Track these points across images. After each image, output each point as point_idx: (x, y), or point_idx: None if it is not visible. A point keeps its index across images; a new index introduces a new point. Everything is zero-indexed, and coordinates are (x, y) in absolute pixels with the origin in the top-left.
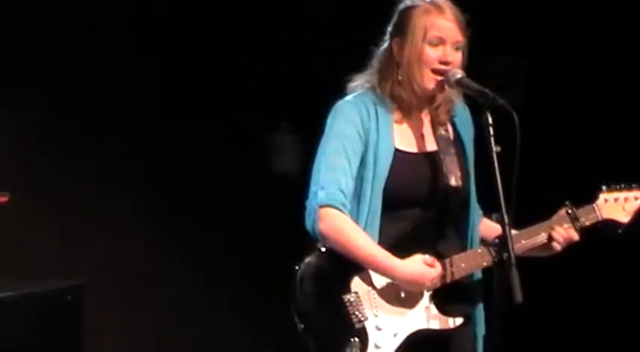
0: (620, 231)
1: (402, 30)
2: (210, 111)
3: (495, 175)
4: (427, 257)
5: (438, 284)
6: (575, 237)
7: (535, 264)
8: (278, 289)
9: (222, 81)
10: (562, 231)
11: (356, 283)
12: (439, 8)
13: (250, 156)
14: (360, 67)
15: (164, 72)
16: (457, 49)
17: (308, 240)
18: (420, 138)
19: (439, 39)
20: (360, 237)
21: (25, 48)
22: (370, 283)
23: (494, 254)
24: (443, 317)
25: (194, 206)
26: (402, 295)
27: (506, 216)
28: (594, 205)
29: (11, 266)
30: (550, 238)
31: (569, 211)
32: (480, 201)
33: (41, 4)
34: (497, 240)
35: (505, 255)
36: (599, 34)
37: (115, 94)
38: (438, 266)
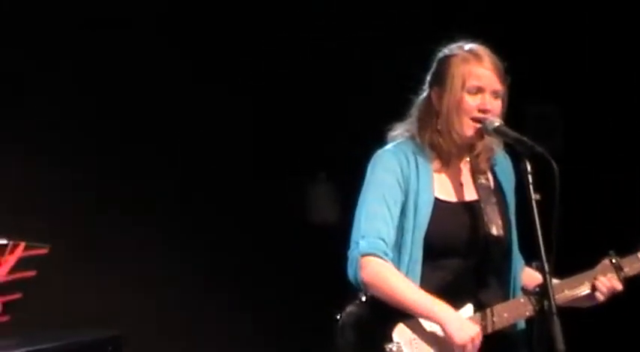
0: None
1: (440, 79)
2: (248, 163)
3: (535, 223)
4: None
5: (486, 332)
6: (619, 286)
7: (576, 312)
8: (321, 340)
9: (258, 132)
10: (606, 281)
11: (398, 332)
12: (477, 56)
13: (289, 206)
14: (399, 116)
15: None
16: (496, 97)
17: (349, 290)
18: (460, 187)
19: (477, 88)
20: (404, 283)
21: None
22: (414, 331)
23: (535, 303)
24: None
25: (235, 258)
26: (447, 342)
27: (546, 264)
28: (638, 254)
29: (51, 316)
30: (593, 288)
31: (613, 261)
32: (521, 250)
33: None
34: (537, 289)
35: (546, 303)
36: (632, 77)
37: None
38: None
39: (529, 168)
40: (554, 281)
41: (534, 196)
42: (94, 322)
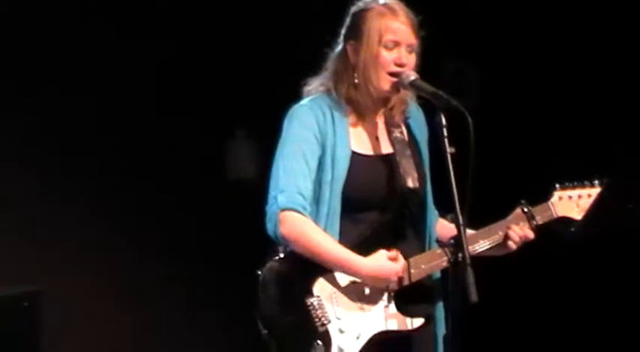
0: (572, 229)
1: (356, 33)
2: (166, 119)
3: (450, 176)
4: (390, 252)
5: (403, 283)
6: (531, 235)
7: (490, 264)
8: (241, 293)
9: (176, 89)
10: (518, 230)
11: (318, 286)
12: (393, 11)
13: (207, 163)
14: (313, 70)
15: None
16: (411, 51)
17: (269, 244)
18: (376, 140)
19: (394, 42)
20: (322, 238)
21: None
22: (333, 285)
23: (449, 254)
24: (404, 318)
25: (153, 214)
26: (366, 294)
27: (460, 217)
28: (549, 203)
29: None
30: (506, 237)
31: (525, 210)
32: (435, 202)
33: None
34: (452, 241)
35: (460, 255)
36: (547, 37)
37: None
38: (402, 259)
39: (444, 121)
40: (469, 231)
41: (449, 149)
42: (13, 278)
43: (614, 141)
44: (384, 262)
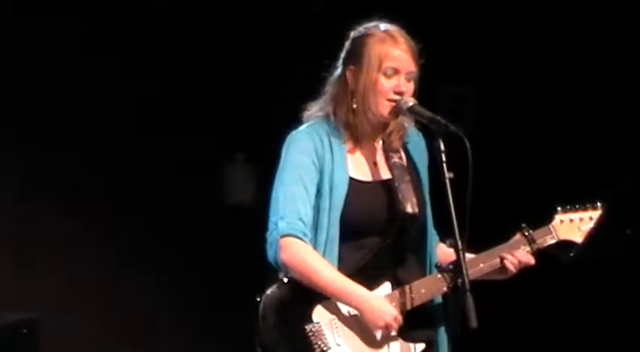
0: (572, 254)
1: (356, 58)
2: (165, 140)
3: (449, 201)
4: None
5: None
6: (531, 261)
7: (491, 289)
8: (240, 320)
9: (175, 111)
10: (517, 254)
11: (318, 312)
12: (394, 38)
13: (205, 187)
14: (312, 94)
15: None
16: (410, 79)
17: (268, 270)
18: (374, 166)
19: (394, 69)
20: (323, 266)
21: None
22: (333, 311)
23: (449, 279)
24: (406, 344)
25: (150, 237)
26: (365, 323)
27: (459, 242)
28: (550, 227)
29: None
30: (502, 260)
31: (526, 233)
32: (435, 227)
33: None
34: (451, 266)
35: (460, 280)
36: (544, 61)
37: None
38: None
39: (442, 146)
40: (469, 255)
41: (448, 175)
42: (10, 305)
43: (619, 166)
44: (383, 301)
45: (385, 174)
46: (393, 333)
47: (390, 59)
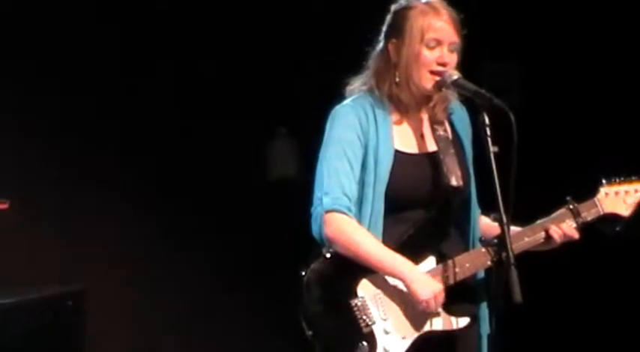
0: (618, 228)
1: (398, 31)
2: (208, 116)
3: (493, 175)
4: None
5: (449, 283)
6: (576, 235)
7: (535, 263)
8: (283, 295)
9: (219, 86)
10: (563, 227)
11: (362, 287)
12: (435, 9)
13: (249, 162)
14: (356, 68)
15: (162, 83)
16: (453, 50)
17: (313, 246)
18: (420, 138)
19: (436, 41)
20: (368, 240)
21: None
22: (378, 286)
23: (493, 254)
24: (449, 318)
25: (195, 212)
26: (410, 297)
27: (504, 216)
28: (595, 199)
29: (12, 272)
30: (547, 234)
31: (571, 207)
32: (478, 200)
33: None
34: (496, 240)
35: (504, 254)
36: (590, 36)
37: (112, 98)
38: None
39: (487, 120)
40: (514, 229)
41: (492, 148)
42: (57, 277)
43: None
44: (429, 277)
45: (431, 146)
46: (438, 309)
47: (433, 30)
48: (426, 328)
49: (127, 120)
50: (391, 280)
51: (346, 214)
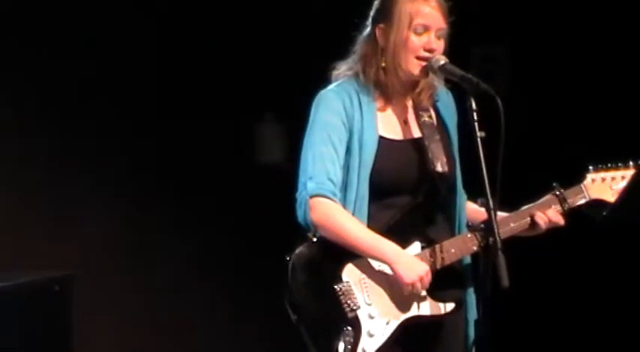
0: (605, 213)
1: (385, 16)
2: (194, 104)
3: (480, 160)
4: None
5: (427, 282)
6: (561, 221)
7: (522, 248)
8: (269, 279)
9: (204, 73)
10: (550, 213)
11: (347, 272)
12: None
13: (236, 147)
14: (342, 53)
15: (149, 68)
16: (440, 36)
17: (298, 229)
18: (404, 125)
19: (424, 27)
20: (353, 224)
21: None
22: (362, 270)
23: (480, 239)
24: (435, 303)
25: (182, 197)
26: (395, 281)
27: (491, 201)
28: (582, 185)
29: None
30: (532, 219)
31: (558, 192)
32: (464, 185)
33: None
34: (483, 225)
35: (491, 239)
36: (578, 21)
37: (106, 90)
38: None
39: (474, 105)
40: (500, 214)
41: (479, 134)
42: (44, 263)
43: None
44: (415, 258)
45: (416, 132)
46: (423, 293)
47: (421, 16)
48: (412, 313)
49: (112, 102)
50: (376, 264)
51: (331, 199)
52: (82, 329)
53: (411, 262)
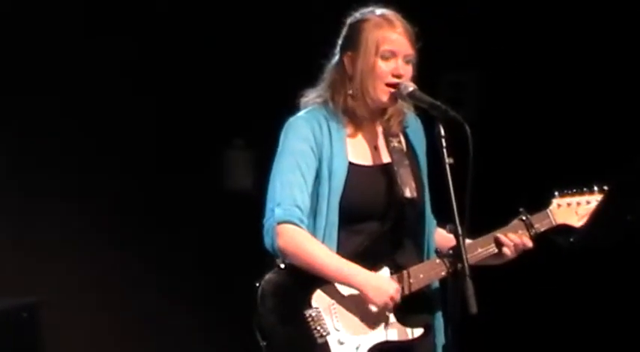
0: (572, 239)
1: (353, 44)
2: (163, 126)
3: (449, 187)
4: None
5: (403, 293)
6: (529, 244)
7: (490, 274)
8: (237, 306)
9: (174, 98)
10: (514, 238)
11: (317, 298)
12: (390, 22)
13: (204, 173)
14: (311, 80)
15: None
16: (408, 62)
17: (267, 257)
18: (374, 150)
19: (391, 52)
20: (320, 250)
21: None
22: (332, 296)
23: (448, 265)
24: (403, 328)
25: (150, 223)
26: (365, 305)
27: (459, 227)
28: (548, 211)
29: None
30: (499, 245)
31: (524, 218)
32: (433, 211)
33: None
34: (451, 251)
35: (459, 266)
36: (546, 49)
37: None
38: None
39: (443, 132)
40: (467, 241)
41: (448, 160)
42: (11, 289)
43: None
44: (384, 278)
45: (385, 158)
46: (392, 319)
47: (388, 43)
48: (381, 338)
49: (84, 122)
50: (345, 290)
51: (298, 225)
52: None
53: (380, 284)
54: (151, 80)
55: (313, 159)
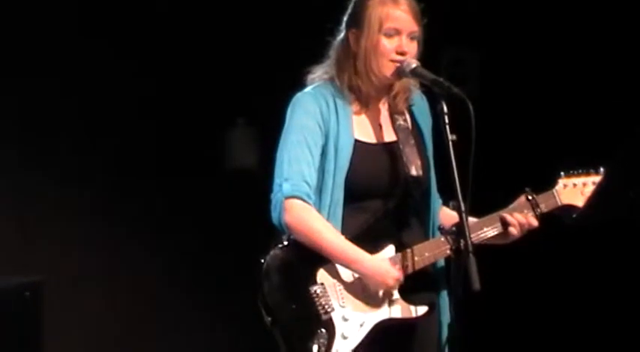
0: (574, 215)
1: (357, 21)
2: (165, 108)
3: (451, 163)
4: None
5: (408, 271)
6: (535, 223)
7: (494, 252)
8: (243, 282)
9: (175, 77)
10: (521, 218)
11: (322, 274)
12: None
13: (207, 152)
14: (317, 58)
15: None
16: (412, 38)
17: (273, 232)
18: (379, 128)
19: (395, 30)
20: (326, 229)
21: None
22: (337, 273)
23: (452, 242)
24: (408, 306)
25: (154, 203)
26: (366, 286)
27: (462, 204)
28: (553, 191)
29: None
30: (505, 224)
31: (530, 197)
32: (438, 190)
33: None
34: (454, 229)
35: (462, 243)
36: (549, 26)
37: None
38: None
39: (445, 108)
40: (472, 219)
41: (451, 137)
42: (13, 269)
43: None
44: (386, 264)
45: (390, 136)
46: (396, 296)
47: (391, 20)
48: (385, 315)
49: (86, 104)
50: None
51: (306, 201)
52: (53, 335)
53: (382, 273)
54: (152, 60)
55: (320, 135)
